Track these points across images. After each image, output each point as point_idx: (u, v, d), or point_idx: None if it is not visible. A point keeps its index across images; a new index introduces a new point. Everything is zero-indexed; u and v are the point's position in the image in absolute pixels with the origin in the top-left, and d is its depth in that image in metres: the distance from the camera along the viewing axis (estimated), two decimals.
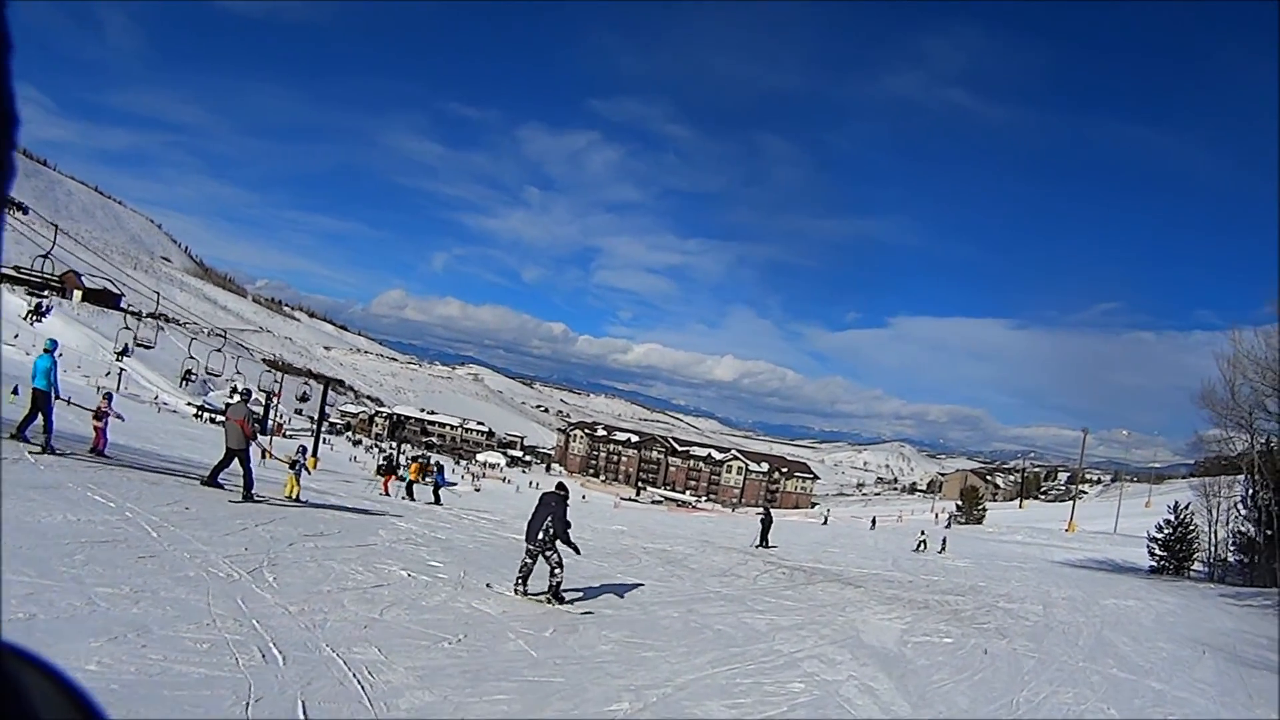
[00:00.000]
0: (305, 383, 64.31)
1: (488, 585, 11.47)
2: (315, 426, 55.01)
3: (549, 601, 10.99)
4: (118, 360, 43.83)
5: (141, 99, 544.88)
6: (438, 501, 29.40)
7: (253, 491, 14.93)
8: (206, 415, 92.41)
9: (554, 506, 11.23)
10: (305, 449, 22.72)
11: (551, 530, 11.02)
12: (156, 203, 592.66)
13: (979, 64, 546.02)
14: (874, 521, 75.78)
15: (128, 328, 42.93)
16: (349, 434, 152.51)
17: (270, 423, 79.86)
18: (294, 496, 17.44)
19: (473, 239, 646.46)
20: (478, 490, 75.90)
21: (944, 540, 39.96)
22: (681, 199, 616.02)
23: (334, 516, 16.12)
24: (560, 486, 11.88)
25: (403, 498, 29.72)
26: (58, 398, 15.59)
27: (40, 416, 14.89)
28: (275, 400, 67.67)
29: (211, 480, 15.34)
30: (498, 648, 8.40)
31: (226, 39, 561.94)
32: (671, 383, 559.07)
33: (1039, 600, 20.83)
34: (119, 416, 18.47)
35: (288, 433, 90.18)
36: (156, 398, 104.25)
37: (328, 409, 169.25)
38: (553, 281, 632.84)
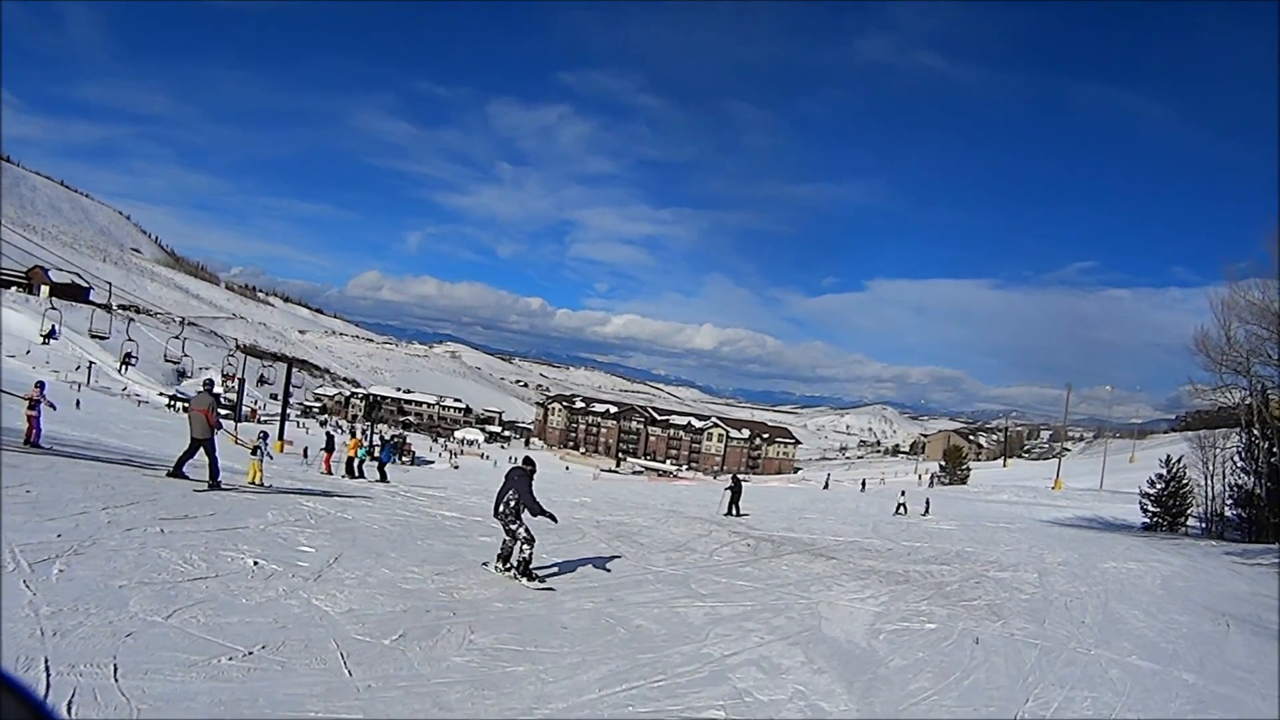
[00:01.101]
0: (267, 365, 62.65)
1: (484, 564, 11.46)
2: (281, 409, 53.66)
3: (516, 578, 10.70)
4: (44, 342, 42.21)
5: (107, 91, 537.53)
6: (383, 479, 28.45)
7: (219, 480, 15.00)
8: (180, 405, 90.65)
9: (517, 480, 10.99)
10: (267, 434, 23.50)
11: (514, 504, 10.72)
12: (127, 195, 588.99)
13: (951, 26, 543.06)
14: (864, 484, 74.39)
15: (54, 308, 41.31)
16: (324, 416, 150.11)
17: (244, 408, 78.59)
18: (258, 482, 17.79)
19: (446, 217, 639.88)
20: (455, 468, 74.75)
21: (927, 502, 38.10)
22: (654, 169, 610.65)
23: (241, 498, 14.66)
24: (527, 461, 11.77)
25: (342, 475, 28.47)
26: None
27: None
28: (237, 385, 65.70)
29: (177, 471, 15.23)
30: (295, 665, 6.52)
31: (190, 26, 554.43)
32: (651, 353, 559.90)
33: (1033, 567, 18.81)
34: (50, 405, 17.97)
35: (261, 418, 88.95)
36: (126, 389, 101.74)
37: (305, 392, 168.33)
38: (528, 256, 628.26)
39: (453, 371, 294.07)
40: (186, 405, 18.05)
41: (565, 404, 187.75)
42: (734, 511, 27.46)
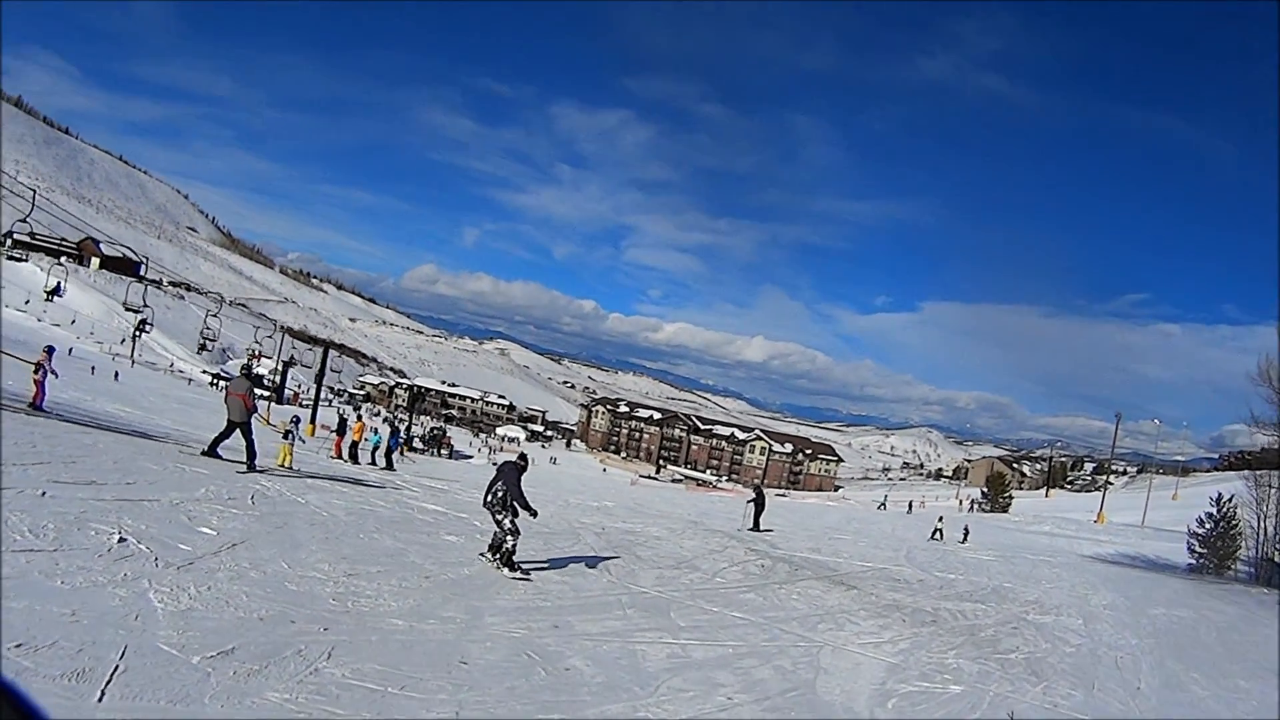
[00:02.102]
0: (308, 349, 61.63)
1: (480, 555, 11.40)
2: (315, 393, 52.86)
3: (499, 568, 10.83)
4: (47, 298, 42.00)
5: (171, 70, 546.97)
6: (389, 466, 27.71)
7: (255, 463, 15.01)
8: (222, 384, 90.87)
9: (507, 473, 11.05)
10: (299, 419, 24.22)
11: (501, 495, 10.84)
12: (187, 174, 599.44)
13: (1012, 48, 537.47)
14: (910, 506, 72.02)
15: (60, 265, 41.15)
16: (368, 404, 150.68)
17: (286, 392, 78.15)
18: (288, 465, 17.78)
19: (504, 215, 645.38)
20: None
21: (966, 529, 35.84)
22: (713, 178, 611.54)
23: (191, 472, 13.26)
24: (521, 457, 11.89)
25: (342, 459, 27.44)
26: None
27: None
28: (281, 367, 65.15)
29: (211, 451, 15.49)
30: (43, 671, 4.94)
31: (257, 11, 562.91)
32: (701, 362, 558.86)
33: (1077, 610, 16.77)
34: (53, 372, 17.65)
35: (303, 401, 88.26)
36: (172, 365, 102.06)
37: (350, 379, 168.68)
38: (583, 259, 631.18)
39: (501, 369, 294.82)
40: (227, 385, 17.47)
41: (609, 407, 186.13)
42: (757, 526, 25.60)
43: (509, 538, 10.78)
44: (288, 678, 5.68)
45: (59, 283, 34.93)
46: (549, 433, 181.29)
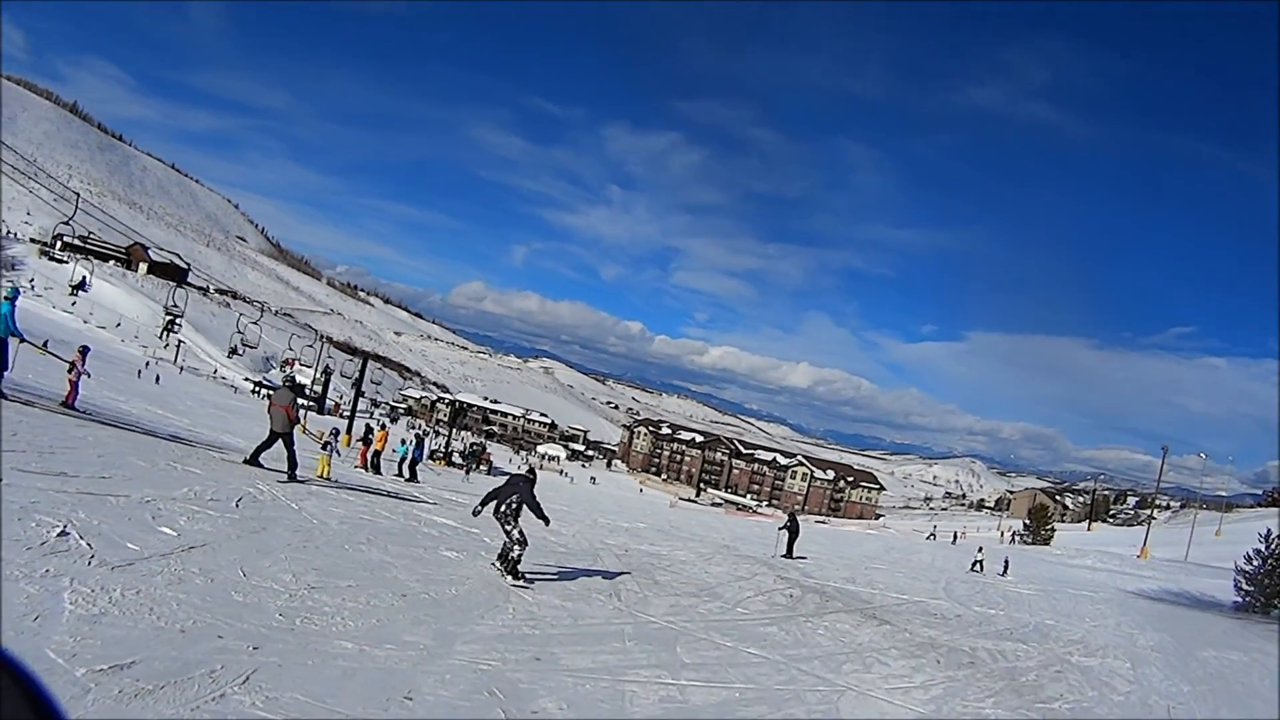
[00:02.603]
0: (330, 356, 61.46)
1: (492, 564, 11.42)
2: (352, 405, 52.67)
3: (503, 575, 10.89)
4: (72, 293, 42.52)
5: (225, 81, 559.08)
6: (413, 477, 27.72)
7: (295, 472, 15.20)
8: (264, 391, 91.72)
9: (521, 486, 11.24)
10: (338, 431, 24.51)
11: (515, 505, 10.98)
12: (238, 184, 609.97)
13: (1062, 77, 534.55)
14: (955, 536, 70.39)
15: (87, 259, 41.86)
16: (409, 418, 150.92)
17: (328, 402, 78.11)
18: (326, 476, 18.30)
19: (553, 234, 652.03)
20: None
21: (1006, 561, 34.56)
22: (762, 203, 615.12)
23: (184, 471, 12.70)
24: (530, 471, 12.07)
25: (368, 469, 27.03)
26: (23, 341, 15.81)
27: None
28: (323, 378, 65.18)
29: (253, 460, 15.59)
30: None
31: (312, 25, 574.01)
32: (746, 387, 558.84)
33: (1123, 651, 15.54)
34: (86, 373, 17.79)
35: (344, 412, 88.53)
36: (215, 371, 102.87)
37: (392, 392, 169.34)
38: (631, 280, 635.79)
39: (544, 387, 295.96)
40: (269, 395, 17.40)
41: (651, 429, 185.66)
42: (788, 553, 24.54)
43: (516, 547, 10.89)
44: (183, 702, 4.76)
45: (85, 277, 35.40)
46: (590, 452, 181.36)
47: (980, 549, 36.07)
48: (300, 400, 17.11)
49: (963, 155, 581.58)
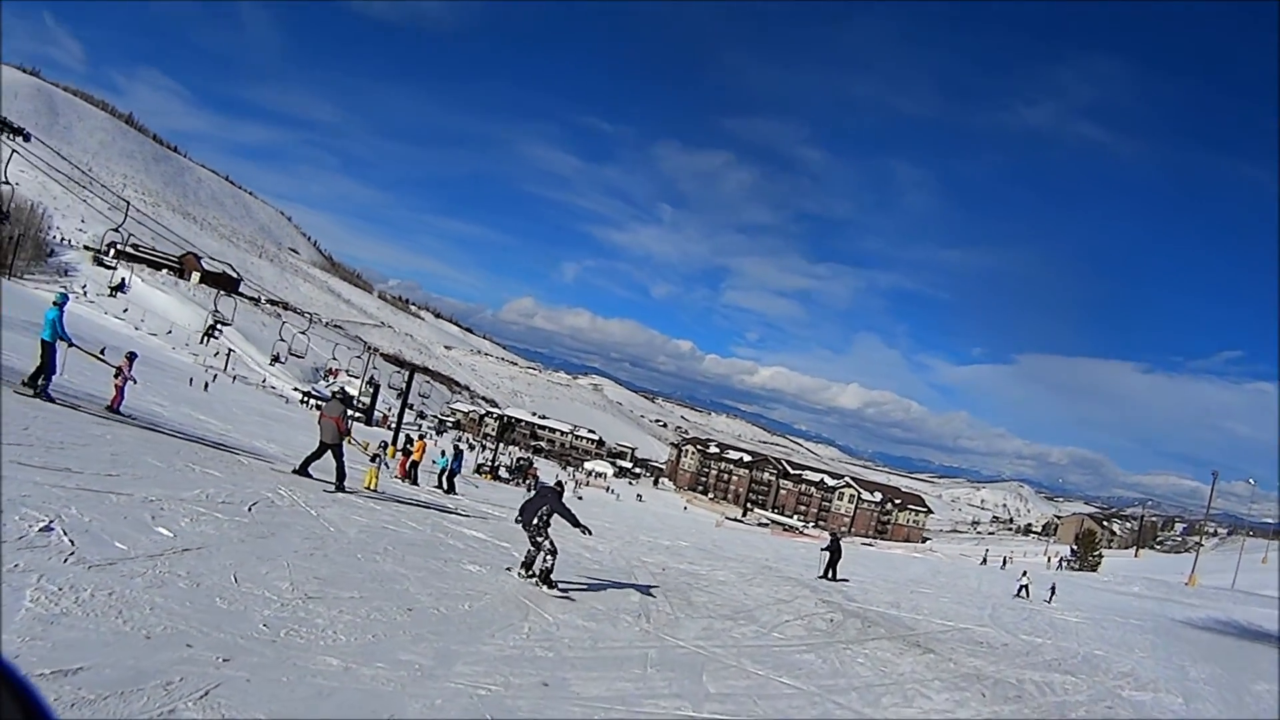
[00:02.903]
0: (375, 367, 61.75)
1: (507, 569, 11.69)
2: (398, 417, 53.06)
3: (537, 584, 10.98)
4: (111, 294, 43.35)
5: (278, 95, 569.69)
6: (450, 489, 27.09)
7: (344, 483, 15.37)
8: (313, 402, 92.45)
9: (551, 497, 11.43)
10: (386, 443, 25.22)
11: (546, 518, 11.15)
12: (290, 197, 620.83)
13: (1111, 97, 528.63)
14: (1004, 561, 68.99)
15: (125, 264, 42.35)
16: (457, 431, 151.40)
17: (377, 414, 78.48)
18: (373, 488, 18.33)
19: (604, 251, 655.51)
20: (579, 498, 72.71)
21: (1053, 587, 33.57)
22: (812, 222, 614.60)
23: (205, 473, 12.46)
24: (558, 483, 12.43)
25: (396, 477, 26.54)
26: (70, 346, 15.94)
27: (46, 365, 14.94)
28: (371, 390, 65.68)
29: (302, 470, 15.65)
30: None
31: (365, 41, 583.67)
32: (795, 407, 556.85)
33: (1176, 686, 14.82)
34: (132, 379, 17.81)
35: (392, 424, 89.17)
36: (264, 380, 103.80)
37: (440, 405, 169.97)
38: (682, 299, 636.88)
39: (593, 403, 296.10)
40: (319, 406, 17.32)
41: (700, 447, 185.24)
42: (831, 575, 23.95)
43: (549, 557, 11.03)
44: (126, 715, 4.28)
45: (124, 278, 35.94)
46: (637, 469, 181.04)
47: (1025, 574, 35.42)
48: (350, 412, 17.13)
49: (1012, 175, 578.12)
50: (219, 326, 45.28)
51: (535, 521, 11.10)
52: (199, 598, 6.42)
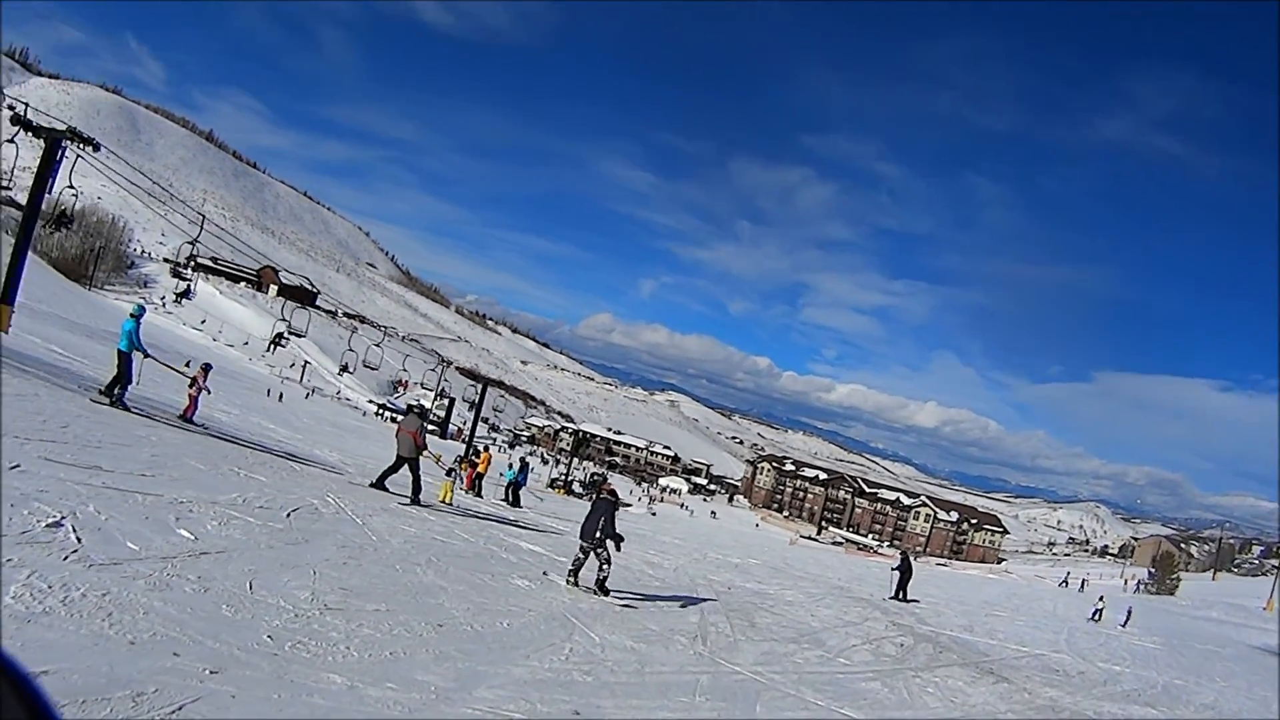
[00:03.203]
0: (446, 380, 61.73)
1: (544, 574, 12.00)
2: (470, 431, 53.13)
3: (595, 593, 11.39)
4: (177, 301, 44.23)
5: (358, 113, 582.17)
6: (515, 502, 26.61)
7: (419, 497, 15.64)
8: (390, 414, 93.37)
9: (605, 510, 11.81)
10: (460, 457, 25.11)
11: (603, 531, 11.58)
12: (369, 213, 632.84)
13: (1188, 108, 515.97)
14: (1083, 584, 66.73)
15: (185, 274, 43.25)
16: (531, 445, 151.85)
17: (451, 428, 78.83)
18: (448, 501, 18.46)
19: (682, 268, 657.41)
20: (653, 514, 72.38)
21: (1129, 611, 32.74)
22: (890, 239, 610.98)
23: (244, 477, 12.09)
24: (611, 493, 12.43)
25: (466, 491, 25.75)
26: (146, 356, 15.96)
27: (123, 375, 15.04)
28: (447, 404, 66.30)
29: (379, 484, 15.89)
30: None
31: (443, 60, 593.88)
32: (872, 425, 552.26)
33: None
34: (206, 389, 18.13)
35: (465, 437, 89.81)
36: (339, 392, 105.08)
37: (515, 419, 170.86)
38: (759, 315, 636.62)
39: (669, 420, 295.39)
40: (396, 419, 17.19)
41: (775, 465, 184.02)
42: (902, 596, 23.27)
43: (605, 566, 11.67)
44: None
45: (189, 286, 36.30)
46: (712, 486, 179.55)
47: (1101, 597, 34.61)
48: (426, 426, 17.10)
49: (1091, 189, 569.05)
50: (287, 336, 45.55)
51: (598, 535, 11.57)
52: (203, 604, 5.98)
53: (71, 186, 20.21)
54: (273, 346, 49.41)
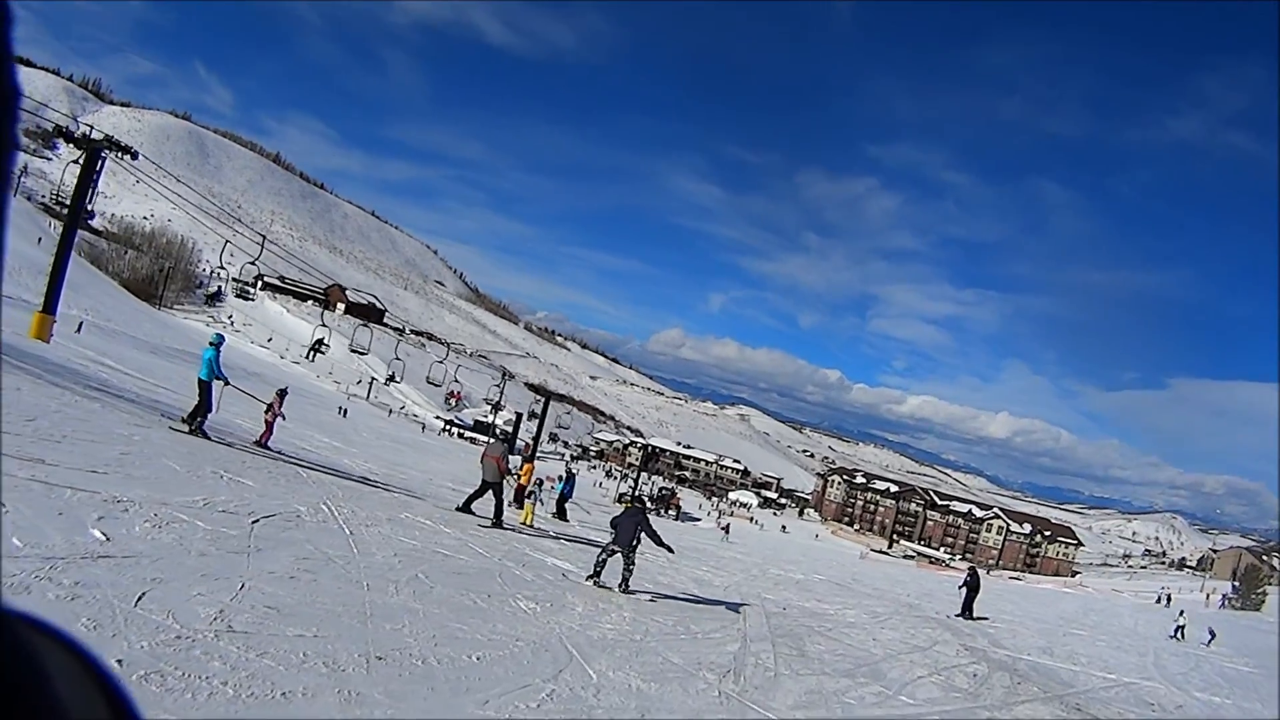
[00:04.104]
0: (502, 392, 60.99)
1: (563, 575, 12.30)
2: (533, 445, 52.30)
3: (621, 590, 11.90)
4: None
5: (424, 134, 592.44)
6: (561, 515, 24.78)
7: (501, 519, 15.97)
8: (456, 431, 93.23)
9: (640, 518, 12.39)
10: (542, 481, 25.14)
11: (638, 540, 12.29)
12: (437, 232, 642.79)
13: (1260, 103, 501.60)
14: (1168, 599, 63.46)
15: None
16: (602, 462, 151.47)
17: (520, 443, 78.49)
18: (529, 523, 18.53)
19: (750, 282, 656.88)
20: (725, 529, 71.28)
21: (1211, 631, 30.33)
22: (959, 248, 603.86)
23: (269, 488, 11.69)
24: (639, 500, 14.03)
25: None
26: (226, 384, 15.83)
27: (204, 403, 14.96)
28: (514, 420, 66.42)
29: (465, 508, 16.22)
30: None
31: (509, 81, 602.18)
32: (944, 436, 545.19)
33: None
34: (282, 415, 17.80)
35: (536, 455, 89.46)
36: (403, 407, 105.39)
37: (583, 434, 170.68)
38: (828, 328, 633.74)
39: (739, 434, 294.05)
40: (460, 431, 16.24)
41: (846, 478, 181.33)
42: (969, 614, 21.73)
43: (630, 568, 12.22)
44: None
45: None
46: (782, 500, 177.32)
47: (1181, 612, 32.71)
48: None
49: (1164, 192, 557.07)
50: (325, 342, 45.68)
51: (634, 542, 12.22)
52: (58, 614, 4.81)
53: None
54: (312, 353, 49.23)
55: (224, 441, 14.77)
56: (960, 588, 23.01)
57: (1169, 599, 62.88)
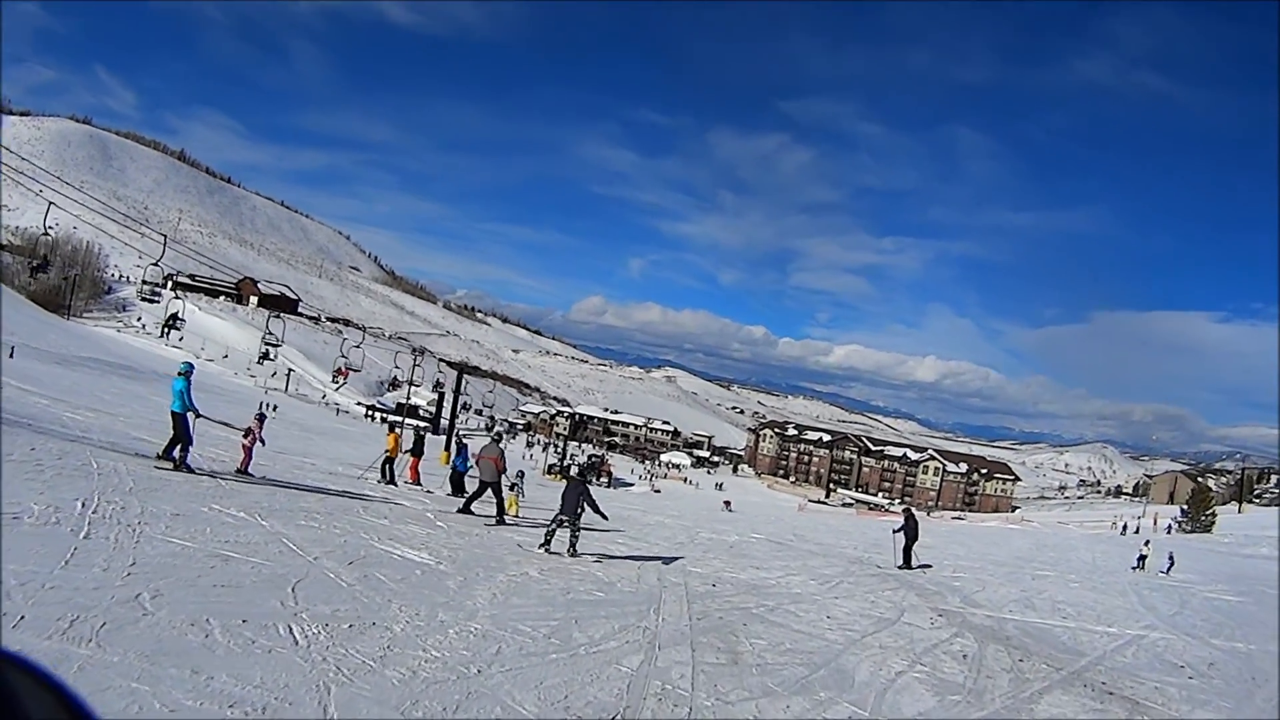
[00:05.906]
0: (418, 366, 58.25)
1: (538, 546, 12.99)
2: (450, 420, 49.83)
3: (569, 554, 12.87)
4: (165, 329, 43.84)
5: (333, 120, 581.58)
6: (455, 491, 21.25)
7: (504, 517, 16.47)
8: (378, 415, 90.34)
9: (582, 489, 13.34)
10: (524, 473, 24.08)
11: (582, 509, 13.07)
12: (353, 219, 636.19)
13: (1170, 45, 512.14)
14: (1124, 527, 62.60)
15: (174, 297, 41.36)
16: (528, 433, 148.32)
17: (442, 421, 75.66)
18: (515, 514, 18.54)
19: (669, 244, 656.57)
20: (657, 491, 69.01)
21: (1170, 556, 28.13)
22: (876, 197, 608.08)
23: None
24: (581, 473, 16.03)
25: (409, 481, 22.58)
26: (199, 416, 14.69)
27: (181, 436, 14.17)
28: (436, 398, 63.64)
29: (465, 509, 16.56)
30: None
31: (412, 59, 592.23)
32: (873, 384, 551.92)
33: None
34: (262, 440, 16.78)
35: (460, 432, 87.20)
36: (324, 397, 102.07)
37: (507, 408, 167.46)
38: (751, 285, 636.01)
39: (667, 395, 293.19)
40: (384, 415, 14.18)
41: (777, 431, 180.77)
42: (908, 562, 19.61)
43: (577, 534, 13.20)
44: None
45: (175, 313, 35.46)
46: (715, 458, 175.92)
47: (1146, 542, 31.63)
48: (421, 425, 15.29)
49: (1076, 133, 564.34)
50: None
51: (578, 511, 13.06)
52: None
53: (47, 232, 18.15)
54: (263, 360, 46.90)
55: (210, 473, 14.29)
56: (896, 533, 20.74)
57: (1135, 529, 62.05)
